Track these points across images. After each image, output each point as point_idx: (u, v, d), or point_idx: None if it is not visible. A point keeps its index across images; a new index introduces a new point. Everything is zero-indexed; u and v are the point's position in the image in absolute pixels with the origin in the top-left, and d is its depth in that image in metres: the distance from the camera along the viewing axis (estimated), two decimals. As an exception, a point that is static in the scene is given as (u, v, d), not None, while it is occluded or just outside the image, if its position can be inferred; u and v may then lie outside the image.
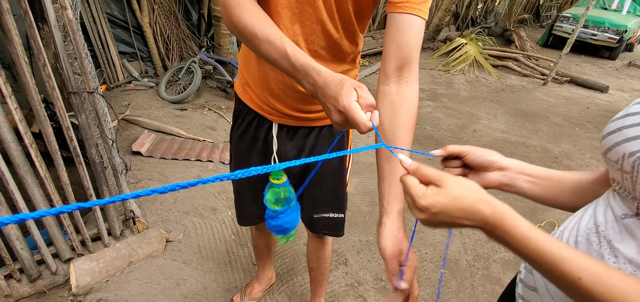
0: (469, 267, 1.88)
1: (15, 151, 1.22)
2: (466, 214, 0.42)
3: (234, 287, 1.63)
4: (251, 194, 1.12)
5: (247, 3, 0.65)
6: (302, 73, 0.59)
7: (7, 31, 1.09)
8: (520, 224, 0.41)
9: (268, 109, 0.91)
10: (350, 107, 0.50)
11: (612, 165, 0.44)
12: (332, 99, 0.53)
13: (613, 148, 0.43)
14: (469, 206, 0.42)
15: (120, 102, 3.18)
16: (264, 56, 0.64)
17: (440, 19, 5.99)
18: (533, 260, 0.40)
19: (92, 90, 1.33)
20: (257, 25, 0.63)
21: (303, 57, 0.60)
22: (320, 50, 0.79)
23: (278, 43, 0.61)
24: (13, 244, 1.32)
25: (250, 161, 1.03)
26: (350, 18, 0.76)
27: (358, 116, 0.50)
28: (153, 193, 0.32)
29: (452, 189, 0.43)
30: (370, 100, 0.52)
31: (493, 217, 0.42)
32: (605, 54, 7.35)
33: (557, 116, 4.13)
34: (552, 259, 0.39)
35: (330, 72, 0.57)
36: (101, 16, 3.25)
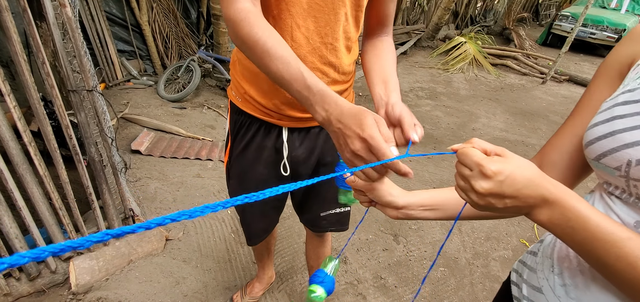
0: (468, 265, 1.89)
1: (14, 150, 1.21)
2: (530, 185, 0.41)
3: (233, 285, 1.63)
4: (259, 209, 1.08)
5: (256, 17, 0.62)
6: (317, 99, 0.57)
7: (6, 29, 1.08)
8: (583, 203, 0.40)
9: (277, 116, 0.87)
10: (374, 137, 0.49)
11: (610, 171, 0.43)
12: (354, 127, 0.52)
13: (609, 154, 0.42)
14: (533, 177, 0.41)
15: (119, 100, 3.17)
16: (273, 75, 0.61)
17: (440, 18, 5.99)
18: (591, 240, 0.39)
19: (91, 89, 1.32)
20: (269, 42, 0.60)
21: (320, 83, 0.58)
22: (334, 42, 0.79)
23: (293, 64, 0.58)
24: (12, 242, 1.32)
25: (256, 173, 0.97)
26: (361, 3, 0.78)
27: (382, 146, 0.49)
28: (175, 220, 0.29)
29: (516, 159, 0.42)
30: (389, 133, 0.51)
31: (556, 191, 0.41)
32: (604, 53, 7.36)
33: (556, 115, 4.14)
34: (614, 238, 0.38)
35: (347, 102, 0.56)
36: (100, 14, 3.24)
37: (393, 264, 1.84)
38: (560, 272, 0.49)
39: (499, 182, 0.41)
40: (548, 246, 0.54)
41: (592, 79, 0.54)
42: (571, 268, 0.48)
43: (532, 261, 0.57)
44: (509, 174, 0.40)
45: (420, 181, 2.59)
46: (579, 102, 0.55)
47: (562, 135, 0.55)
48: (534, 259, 0.57)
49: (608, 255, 0.38)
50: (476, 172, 0.42)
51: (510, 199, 0.41)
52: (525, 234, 2.17)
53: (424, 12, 6.80)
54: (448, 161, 2.90)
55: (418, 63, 5.60)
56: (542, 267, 0.53)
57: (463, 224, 2.17)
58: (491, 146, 0.44)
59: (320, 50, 0.78)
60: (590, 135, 0.46)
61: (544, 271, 0.52)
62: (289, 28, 0.74)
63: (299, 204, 1.12)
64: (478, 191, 0.42)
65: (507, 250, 2.02)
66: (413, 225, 2.12)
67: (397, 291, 1.69)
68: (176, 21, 3.86)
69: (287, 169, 0.94)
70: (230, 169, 1.03)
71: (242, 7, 0.62)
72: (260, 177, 0.97)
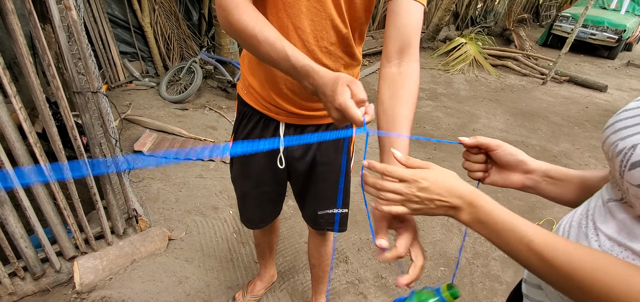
0: (468, 264, 1.90)
1: (20, 150, 1.23)
2: (450, 189, 0.49)
3: (235, 284, 1.64)
4: (255, 197, 1.12)
5: (245, 5, 0.65)
6: (302, 74, 0.61)
7: (12, 31, 1.10)
8: (490, 201, 0.48)
9: (275, 109, 0.91)
10: (345, 105, 0.54)
11: (606, 156, 0.47)
12: (329, 97, 0.57)
13: (606, 140, 0.46)
14: (453, 183, 0.50)
15: (122, 102, 3.19)
16: (263, 57, 0.65)
17: (440, 19, 6.01)
18: (496, 231, 0.46)
19: (96, 90, 1.34)
20: (257, 27, 0.63)
21: (302, 58, 0.61)
22: (330, 46, 0.80)
23: (278, 45, 0.62)
24: (17, 242, 1.34)
25: (255, 161, 1.03)
26: (358, 12, 0.78)
27: (352, 113, 0.54)
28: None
29: (438, 168, 0.51)
30: (362, 95, 0.55)
31: (471, 194, 0.49)
32: (604, 54, 7.37)
33: (556, 115, 4.15)
34: (510, 226, 0.45)
35: (327, 72, 0.59)
36: (102, 16, 3.26)
37: (394, 263, 1.85)
38: None
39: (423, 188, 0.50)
40: None
41: None
42: None
43: None
44: (432, 180, 0.50)
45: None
46: None
47: None
48: None
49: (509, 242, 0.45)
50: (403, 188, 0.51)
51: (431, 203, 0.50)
52: (526, 234, 2.18)
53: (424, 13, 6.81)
54: (448, 162, 2.91)
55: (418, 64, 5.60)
56: None
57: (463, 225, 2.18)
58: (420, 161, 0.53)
59: (314, 53, 0.80)
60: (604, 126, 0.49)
61: None
62: (286, 28, 0.76)
63: (299, 199, 1.15)
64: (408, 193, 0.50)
65: (507, 250, 2.03)
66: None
67: (397, 291, 1.70)
68: (178, 23, 3.88)
69: (283, 162, 1.00)
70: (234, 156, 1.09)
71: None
72: (259, 166, 1.03)
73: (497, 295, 1.74)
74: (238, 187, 1.14)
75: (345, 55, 0.85)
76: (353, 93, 0.55)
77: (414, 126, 3.52)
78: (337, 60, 0.84)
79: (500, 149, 0.61)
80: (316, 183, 1.04)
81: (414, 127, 3.49)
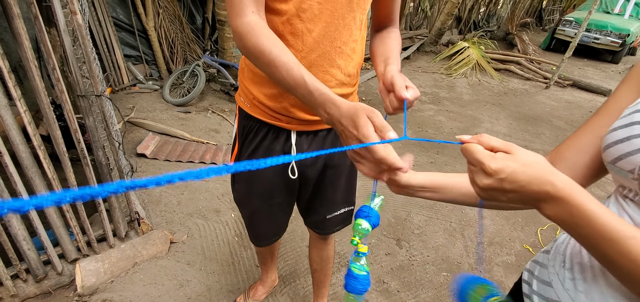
0: (471, 270, 1.88)
1: (23, 153, 1.24)
2: (534, 183, 0.41)
3: (237, 288, 1.64)
4: (267, 212, 1.08)
5: (261, 28, 0.65)
6: (319, 102, 0.61)
7: (18, 35, 1.11)
8: (590, 199, 0.41)
9: (286, 119, 0.89)
10: (368, 137, 0.52)
11: (624, 174, 0.45)
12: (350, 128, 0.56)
13: (625, 158, 0.44)
14: (539, 174, 0.41)
15: (125, 104, 3.21)
16: (279, 82, 0.65)
17: (443, 23, 6.01)
18: (595, 236, 0.40)
19: (100, 94, 1.35)
20: (275, 51, 0.63)
21: (320, 86, 0.61)
22: (343, 46, 0.81)
23: (295, 71, 0.62)
24: (20, 244, 1.34)
25: (265, 176, 0.99)
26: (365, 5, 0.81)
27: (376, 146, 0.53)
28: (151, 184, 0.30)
29: (522, 156, 0.43)
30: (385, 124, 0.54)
31: (563, 186, 0.41)
32: (608, 58, 7.33)
33: (560, 120, 4.13)
34: (619, 236, 0.38)
35: (345, 103, 0.58)
36: (107, 20, 3.29)
37: (396, 268, 1.84)
38: (571, 266, 0.51)
39: (499, 180, 0.42)
40: (562, 243, 0.55)
41: (619, 84, 0.55)
42: (582, 263, 0.49)
43: (544, 258, 0.59)
44: (510, 173, 0.41)
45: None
46: (603, 105, 0.56)
47: (580, 135, 0.56)
48: (546, 257, 0.58)
49: (611, 251, 0.39)
50: (478, 169, 0.44)
51: (513, 194, 0.42)
52: (529, 239, 2.16)
53: (427, 17, 6.82)
54: (450, 165, 2.90)
55: (421, 68, 5.61)
56: (554, 262, 0.54)
57: (466, 229, 2.16)
58: (499, 142, 0.45)
59: (329, 54, 0.80)
60: (609, 139, 0.47)
61: (555, 266, 0.54)
62: (300, 33, 0.76)
63: (305, 206, 1.12)
64: (479, 185, 0.44)
65: (510, 255, 2.02)
66: (416, 230, 2.12)
67: (399, 296, 1.69)
68: (182, 27, 3.91)
69: (295, 172, 0.96)
70: (237, 173, 1.04)
71: (248, 20, 0.65)
72: (268, 180, 0.99)
73: (500, 301, 1.73)
74: (246, 205, 1.09)
75: (353, 52, 0.86)
76: (375, 124, 0.53)
77: (416, 130, 3.51)
78: (347, 57, 0.85)
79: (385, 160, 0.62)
80: (326, 188, 1.03)
81: (416, 131, 3.49)
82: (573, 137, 0.57)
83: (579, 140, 0.56)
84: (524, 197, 0.42)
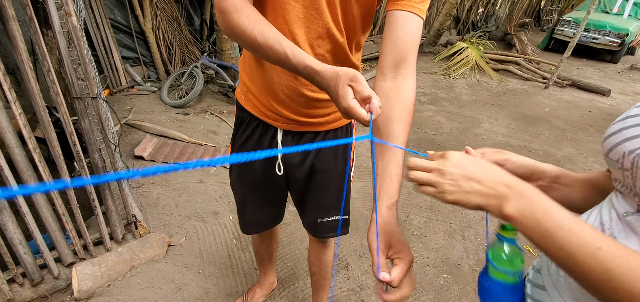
0: (472, 272, 1.87)
1: (19, 156, 1.22)
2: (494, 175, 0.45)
3: (235, 291, 1.63)
4: (254, 202, 1.11)
5: (244, 6, 0.65)
6: (306, 75, 0.62)
7: (12, 37, 1.10)
8: (545, 196, 0.43)
9: (273, 116, 0.90)
10: (349, 107, 0.54)
11: (614, 164, 0.46)
12: (333, 99, 0.58)
13: (614, 148, 0.45)
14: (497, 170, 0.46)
15: (123, 106, 3.20)
16: (266, 59, 0.66)
17: (441, 23, 6.01)
18: (553, 232, 0.41)
19: (96, 96, 1.34)
20: (256, 28, 0.63)
21: (304, 58, 0.61)
22: (326, 54, 0.80)
23: (278, 47, 0.62)
24: (16, 248, 1.33)
25: (252, 169, 1.02)
26: (355, 21, 0.77)
27: (358, 113, 0.53)
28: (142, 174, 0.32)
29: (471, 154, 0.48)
30: (366, 92, 0.53)
31: (522, 184, 0.44)
32: (607, 58, 7.34)
33: (559, 120, 4.13)
34: (574, 228, 0.40)
35: (327, 71, 0.59)
36: (104, 21, 3.28)
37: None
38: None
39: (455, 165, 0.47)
40: None
41: None
42: None
43: (538, 262, 0.58)
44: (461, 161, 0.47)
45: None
46: None
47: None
48: (540, 261, 0.58)
49: (570, 244, 0.40)
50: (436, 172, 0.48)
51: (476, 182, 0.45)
52: (529, 240, 2.15)
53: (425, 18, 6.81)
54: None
55: (420, 68, 5.61)
56: (548, 265, 0.54)
57: (466, 231, 2.15)
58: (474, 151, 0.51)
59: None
60: (606, 132, 0.48)
61: (549, 269, 0.53)
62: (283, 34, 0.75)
63: (298, 206, 1.13)
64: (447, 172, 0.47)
65: (510, 256, 2.00)
66: (415, 231, 2.11)
67: None
68: (180, 28, 3.90)
69: (281, 168, 0.99)
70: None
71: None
72: (257, 172, 1.03)
73: None
74: (237, 192, 1.13)
75: (341, 63, 0.83)
76: (356, 91, 0.54)
77: (415, 131, 3.50)
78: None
79: (509, 162, 0.59)
80: (315, 191, 1.03)
81: (415, 132, 3.48)
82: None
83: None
84: (487, 186, 0.45)
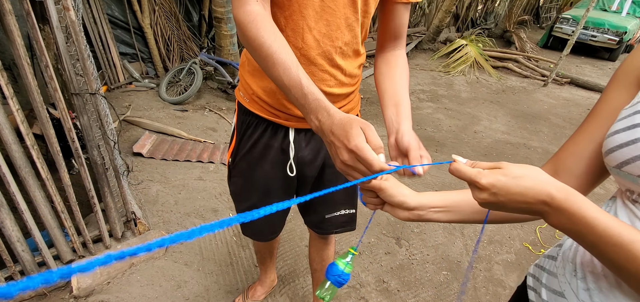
0: (471, 268, 1.87)
1: (16, 153, 1.21)
2: (528, 194, 0.42)
3: (235, 289, 1.62)
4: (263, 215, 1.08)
5: (263, 19, 0.63)
6: (312, 107, 0.58)
7: (9, 32, 1.08)
8: (589, 204, 0.40)
9: (284, 116, 0.88)
10: (361, 148, 0.50)
11: (633, 179, 0.43)
12: (342, 138, 0.53)
13: (633, 162, 0.42)
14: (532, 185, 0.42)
15: (121, 103, 3.18)
16: (274, 79, 0.62)
17: (441, 21, 6.00)
18: (598, 243, 0.39)
19: (94, 92, 1.32)
20: (274, 46, 0.61)
21: (316, 91, 0.59)
22: (344, 46, 0.80)
23: (293, 71, 0.59)
24: (14, 245, 1.32)
25: (263, 171, 0.97)
26: (370, 8, 0.79)
27: (369, 156, 0.50)
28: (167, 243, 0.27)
29: (512, 169, 0.43)
30: (378, 142, 0.51)
31: (559, 195, 0.41)
32: (605, 55, 7.36)
33: (558, 117, 4.14)
34: (622, 241, 0.38)
35: (339, 112, 0.56)
36: (102, 17, 3.25)
37: (395, 267, 1.83)
38: (584, 276, 0.49)
39: (493, 194, 0.44)
40: (568, 249, 0.53)
41: (608, 85, 0.53)
42: (595, 272, 0.47)
43: (551, 265, 0.56)
44: (501, 186, 0.43)
45: (423, 184, 2.58)
46: (595, 108, 0.54)
47: (577, 141, 0.55)
48: (554, 264, 0.56)
49: (618, 257, 0.38)
50: (473, 186, 0.46)
51: (512, 205, 0.44)
52: (528, 237, 2.16)
53: (424, 15, 6.81)
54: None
55: (419, 65, 5.60)
56: (564, 271, 0.52)
57: (465, 228, 2.16)
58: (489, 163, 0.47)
59: (330, 54, 0.79)
60: (611, 143, 0.45)
61: (565, 275, 0.52)
62: (301, 29, 0.74)
63: (304, 205, 1.12)
64: (478, 200, 0.46)
65: (510, 254, 2.01)
66: (415, 228, 2.11)
67: (399, 295, 1.68)
68: (178, 24, 3.87)
69: (294, 169, 0.95)
70: (234, 168, 1.02)
71: (251, 9, 0.63)
72: (266, 176, 0.98)
73: (501, 300, 1.72)
74: (242, 201, 1.07)
75: (355, 53, 0.85)
76: (368, 138, 0.51)
77: (415, 128, 3.50)
78: (348, 58, 0.83)
79: (385, 191, 0.61)
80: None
81: (415, 129, 3.47)
82: (570, 144, 0.56)
83: (577, 147, 0.55)
84: (523, 207, 0.43)
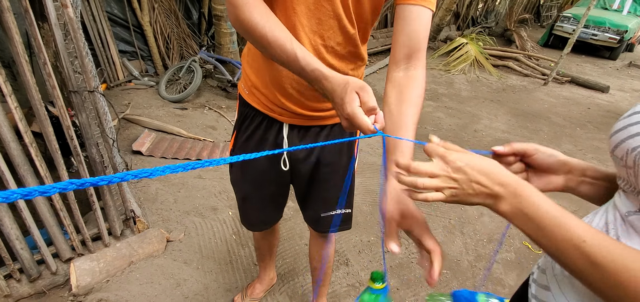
0: (471, 267, 1.87)
1: (15, 151, 1.21)
2: (491, 172, 0.46)
3: (234, 287, 1.62)
4: (258, 199, 1.09)
5: (257, 3, 0.64)
6: (312, 78, 0.62)
7: (8, 29, 1.08)
8: (537, 193, 0.44)
9: (279, 110, 0.89)
10: (353, 113, 0.54)
11: (618, 162, 0.45)
12: (338, 105, 0.58)
13: (619, 145, 0.44)
14: (494, 166, 0.46)
15: (121, 101, 3.17)
16: (273, 57, 0.65)
17: (441, 19, 5.98)
18: (541, 226, 0.42)
19: (93, 89, 1.32)
20: (267, 26, 0.62)
21: (313, 61, 0.61)
22: (337, 46, 0.79)
23: (288, 46, 0.62)
24: (13, 244, 1.32)
25: (258, 163, 0.99)
26: (365, 12, 0.77)
27: (361, 121, 0.54)
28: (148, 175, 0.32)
29: (474, 153, 0.48)
30: (372, 103, 0.55)
31: (515, 183, 0.45)
32: (606, 54, 7.34)
33: (558, 116, 4.13)
34: (559, 222, 0.41)
35: (336, 77, 0.59)
36: (101, 14, 3.24)
37: (395, 266, 1.83)
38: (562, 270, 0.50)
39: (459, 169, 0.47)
40: None
41: None
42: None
43: (543, 261, 0.58)
44: (468, 161, 0.47)
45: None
46: None
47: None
48: (545, 260, 0.57)
49: (556, 237, 0.41)
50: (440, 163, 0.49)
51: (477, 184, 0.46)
52: (528, 236, 2.15)
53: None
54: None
55: (419, 64, 5.59)
56: (552, 265, 0.53)
57: (465, 226, 2.16)
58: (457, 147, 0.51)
59: (321, 53, 0.78)
60: (612, 129, 0.47)
61: (553, 269, 0.53)
62: (293, 26, 0.74)
63: (301, 200, 1.12)
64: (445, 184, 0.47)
65: (509, 252, 2.01)
66: (415, 227, 2.11)
67: (399, 294, 1.68)
68: (178, 22, 3.86)
69: (287, 164, 0.97)
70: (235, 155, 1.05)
71: None
72: (261, 167, 1.01)
73: (500, 298, 1.72)
74: (239, 190, 1.11)
75: (351, 55, 0.83)
76: (362, 101, 0.55)
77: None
78: (343, 60, 0.82)
79: (539, 152, 0.58)
80: (319, 184, 1.02)
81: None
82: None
83: None
84: (479, 190, 0.46)
